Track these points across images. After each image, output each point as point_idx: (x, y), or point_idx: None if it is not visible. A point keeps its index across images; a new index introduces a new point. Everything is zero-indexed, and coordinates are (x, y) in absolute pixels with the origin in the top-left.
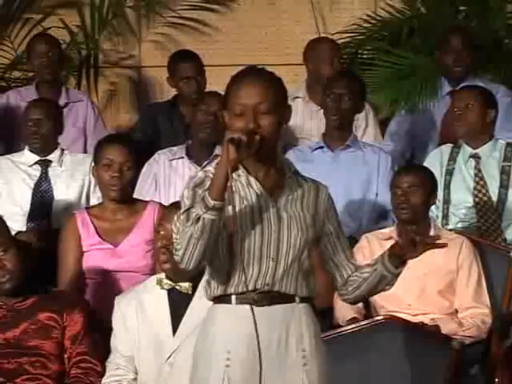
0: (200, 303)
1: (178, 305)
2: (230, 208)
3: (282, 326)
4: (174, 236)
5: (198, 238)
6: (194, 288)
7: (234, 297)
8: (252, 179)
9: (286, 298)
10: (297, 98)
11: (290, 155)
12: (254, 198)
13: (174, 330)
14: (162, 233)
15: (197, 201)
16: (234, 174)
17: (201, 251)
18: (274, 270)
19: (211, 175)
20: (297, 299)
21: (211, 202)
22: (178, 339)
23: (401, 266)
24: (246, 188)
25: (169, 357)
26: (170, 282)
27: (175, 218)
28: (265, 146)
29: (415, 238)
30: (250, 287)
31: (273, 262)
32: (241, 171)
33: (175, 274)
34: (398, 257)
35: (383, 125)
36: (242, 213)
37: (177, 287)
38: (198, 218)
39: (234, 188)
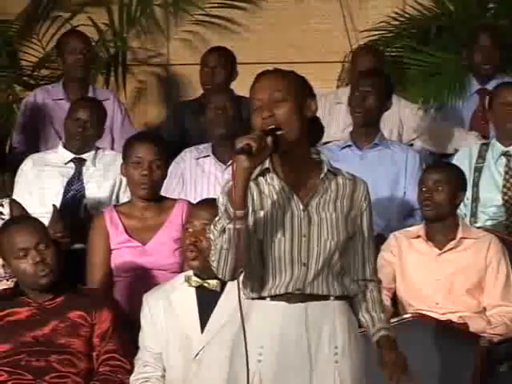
0: (228, 300)
1: (206, 302)
2: (261, 213)
3: (315, 323)
4: (211, 245)
5: (227, 248)
6: (223, 285)
7: (268, 298)
8: (283, 183)
9: (320, 297)
10: (339, 103)
11: None
12: (285, 202)
13: (202, 327)
14: (190, 230)
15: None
16: (268, 178)
17: (233, 261)
18: (305, 274)
19: None
20: (331, 298)
21: (234, 212)
22: (206, 336)
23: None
24: (278, 192)
25: (197, 354)
26: (198, 280)
27: (212, 225)
28: (286, 140)
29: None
30: (282, 291)
31: (304, 266)
32: (273, 175)
33: (203, 271)
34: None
35: None
36: (272, 217)
37: (205, 284)
38: (224, 230)
39: (267, 192)
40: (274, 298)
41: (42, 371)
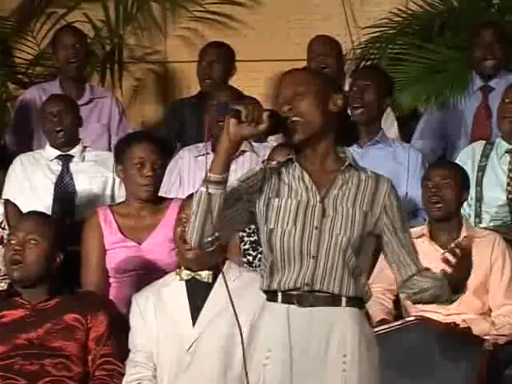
0: (221, 291)
1: (198, 294)
2: (276, 201)
3: (324, 329)
4: None
5: (195, 211)
6: (215, 277)
7: (279, 294)
8: (305, 173)
9: (331, 299)
10: None
11: None
12: (302, 192)
13: (194, 319)
14: (183, 219)
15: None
16: (290, 168)
17: (199, 225)
18: (313, 268)
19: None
20: (343, 300)
21: (208, 175)
22: (197, 329)
23: (456, 294)
24: (297, 181)
25: (190, 346)
26: (189, 272)
27: None
28: (305, 129)
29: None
30: (291, 285)
31: (313, 260)
32: (296, 164)
33: (198, 261)
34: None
35: (412, 121)
36: (286, 206)
37: (197, 277)
38: (197, 192)
39: (286, 181)
40: (284, 294)
41: (36, 375)
